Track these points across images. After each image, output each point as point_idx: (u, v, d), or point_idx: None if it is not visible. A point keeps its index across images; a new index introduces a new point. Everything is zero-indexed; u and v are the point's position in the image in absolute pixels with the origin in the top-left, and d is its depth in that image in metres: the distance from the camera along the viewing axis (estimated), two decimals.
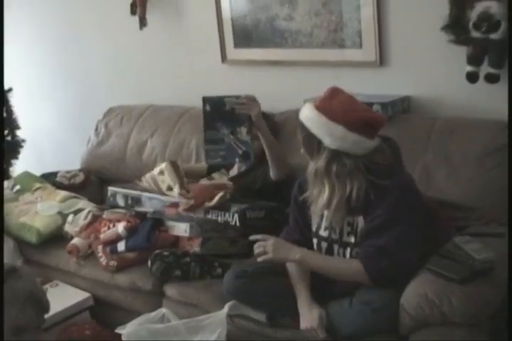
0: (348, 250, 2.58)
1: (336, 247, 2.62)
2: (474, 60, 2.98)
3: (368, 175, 2.45)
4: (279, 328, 2.66)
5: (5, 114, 4.79)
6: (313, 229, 2.68)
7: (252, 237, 2.62)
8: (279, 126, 3.49)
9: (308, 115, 2.50)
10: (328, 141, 2.43)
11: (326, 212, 2.58)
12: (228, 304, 2.76)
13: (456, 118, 3.13)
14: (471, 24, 2.90)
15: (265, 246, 2.56)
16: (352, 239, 2.57)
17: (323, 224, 2.64)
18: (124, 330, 2.82)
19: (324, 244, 2.65)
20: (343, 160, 2.44)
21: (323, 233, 2.65)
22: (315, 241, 2.69)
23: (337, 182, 2.46)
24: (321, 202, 2.53)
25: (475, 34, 2.90)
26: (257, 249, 2.58)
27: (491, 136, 2.91)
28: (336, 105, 2.47)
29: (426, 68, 3.28)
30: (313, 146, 2.49)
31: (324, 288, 2.63)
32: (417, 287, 2.42)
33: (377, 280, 2.46)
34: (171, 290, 3.09)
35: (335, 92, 2.55)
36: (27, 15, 4.98)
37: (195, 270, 3.06)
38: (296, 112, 3.44)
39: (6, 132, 4.81)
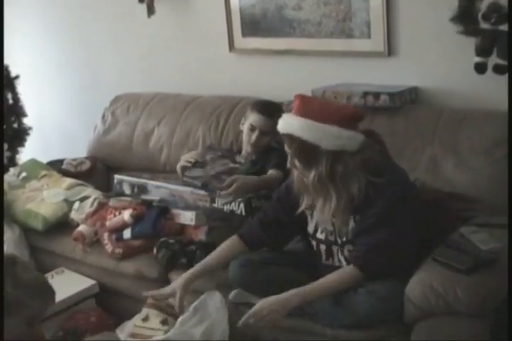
0: (345, 250, 2.61)
1: (335, 248, 2.65)
2: (483, 51, 2.97)
3: (364, 173, 2.45)
4: (286, 316, 2.65)
5: (11, 101, 4.80)
6: (311, 231, 2.70)
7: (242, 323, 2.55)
8: None
9: (295, 124, 2.46)
10: (325, 144, 2.41)
11: (319, 215, 2.60)
12: (233, 292, 2.77)
13: (464, 109, 3.13)
14: (480, 15, 2.89)
15: (262, 316, 2.51)
16: (345, 239, 2.60)
17: (320, 227, 2.66)
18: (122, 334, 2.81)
19: (323, 247, 2.68)
20: (344, 159, 2.43)
21: (320, 235, 2.67)
22: (314, 243, 2.72)
23: (341, 184, 2.45)
24: (328, 210, 2.52)
25: (484, 25, 2.90)
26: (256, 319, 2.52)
27: (498, 126, 2.90)
28: (317, 108, 2.47)
29: (434, 59, 3.27)
30: (310, 154, 2.45)
31: None
32: (423, 277, 2.43)
33: (373, 276, 2.49)
34: (176, 277, 3.08)
35: (304, 97, 2.55)
36: (33, 2, 4.97)
37: (200, 258, 3.05)
38: None
39: (12, 119, 4.81)
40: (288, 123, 2.49)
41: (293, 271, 2.70)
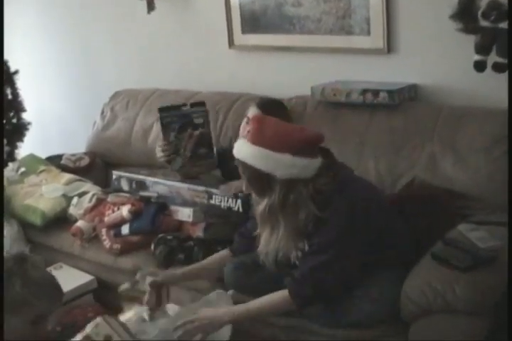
0: None
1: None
2: (482, 49, 2.96)
3: (312, 203, 2.37)
4: (283, 315, 2.64)
5: (11, 97, 4.80)
6: None
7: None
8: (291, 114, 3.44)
9: (248, 152, 2.37)
10: (279, 173, 2.32)
11: (264, 246, 2.54)
12: (229, 292, 2.78)
13: (463, 106, 3.13)
14: (480, 13, 2.89)
15: (193, 326, 2.46)
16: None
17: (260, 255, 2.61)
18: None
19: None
20: (298, 188, 2.35)
21: None
22: None
23: (291, 212, 2.38)
24: (274, 240, 2.46)
25: (484, 23, 2.89)
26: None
27: (497, 124, 2.90)
28: (271, 134, 2.34)
29: (434, 56, 3.26)
30: (264, 182, 2.37)
31: None
32: (421, 274, 2.43)
33: (302, 307, 2.47)
34: None
35: (261, 121, 2.42)
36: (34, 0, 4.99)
37: (198, 254, 3.07)
38: (304, 99, 3.48)
39: (11, 114, 4.81)
40: (241, 150, 2.40)
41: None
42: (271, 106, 3.26)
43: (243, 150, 2.39)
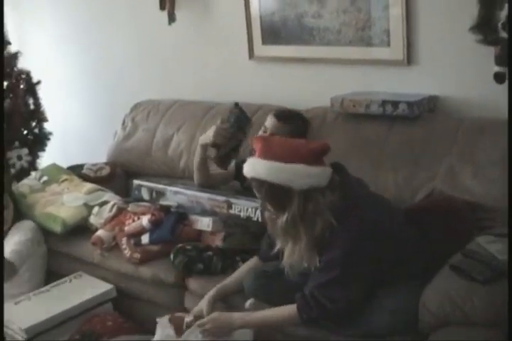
0: None
1: None
2: (502, 60, 2.96)
3: (329, 214, 2.39)
4: (299, 326, 2.63)
5: (33, 107, 4.84)
6: None
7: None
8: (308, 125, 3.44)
9: (261, 168, 2.38)
10: (296, 184, 2.34)
11: (288, 260, 2.54)
12: (249, 301, 2.79)
13: (483, 118, 3.13)
14: (500, 24, 2.89)
15: (205, 328, 2.59)
16: None
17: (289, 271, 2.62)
18: None
19: None
20: (315, 197, 2.37)
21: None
22: None
23: (310, 223, 2.39)
24: (298, 252, 2.47)
25: (504, 34, 2.89)
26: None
27: None
28: (279, 148, 2.40)
29: (453, 68, 3.27)
30: (281, 196, 2.39)
31: None
32: (440, 286, 2.42)
33: (308, 322, 2.51)
34: (193, 283, 3.11)
35: (265, 139, 2.50)
36: (55, 7, 5.02)
37: (217, 264, 3.08)
38: (323, 110, 3.48)
39: (33, 124, 4.86)
40: (254, 167, 2.42)
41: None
42: (289, 117, 3.26)
43: (256, 167, 2.41)
